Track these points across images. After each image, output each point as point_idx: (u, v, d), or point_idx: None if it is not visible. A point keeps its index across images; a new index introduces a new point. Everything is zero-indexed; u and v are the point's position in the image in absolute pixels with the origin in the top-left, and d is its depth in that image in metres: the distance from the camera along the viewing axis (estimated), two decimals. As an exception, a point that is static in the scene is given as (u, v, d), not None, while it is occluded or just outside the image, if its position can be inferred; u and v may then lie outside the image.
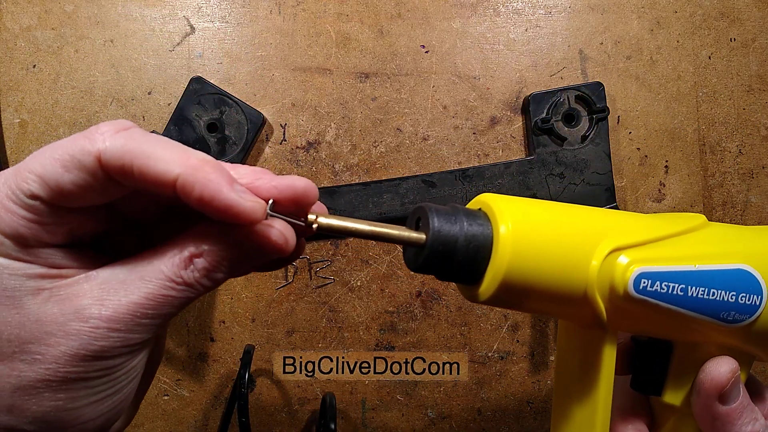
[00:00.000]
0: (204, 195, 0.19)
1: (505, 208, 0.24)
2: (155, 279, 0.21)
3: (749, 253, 0.26)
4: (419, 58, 0.48)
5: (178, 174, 0.19)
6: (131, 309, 0.20)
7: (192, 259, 0.21)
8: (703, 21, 0.49)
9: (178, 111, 0.46)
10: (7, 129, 0.47)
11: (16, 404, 0.20)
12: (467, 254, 0.23)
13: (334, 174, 0.48)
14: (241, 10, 0.48)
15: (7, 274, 0.20)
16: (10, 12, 0.47)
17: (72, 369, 0.20)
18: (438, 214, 0.23)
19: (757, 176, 0.49)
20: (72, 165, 0.20)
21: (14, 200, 0.20)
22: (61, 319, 0.20)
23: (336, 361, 0.48)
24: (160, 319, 0.21)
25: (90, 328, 0.20)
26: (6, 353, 0.20)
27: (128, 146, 0.20)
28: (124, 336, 0.20)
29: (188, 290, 0.21)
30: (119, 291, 0.21)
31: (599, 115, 0.46)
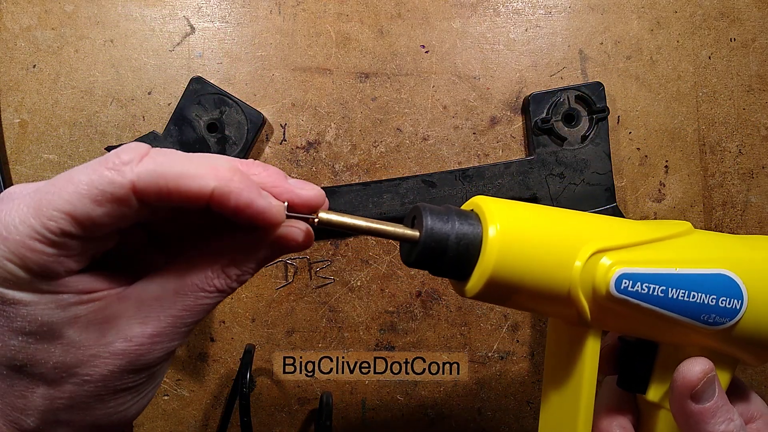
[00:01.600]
0: (239, 204, 0.21)
1: (495, 209, 0.25)
2: (190, 292, 0.22)
3: (731, 259, 0.26)
4: (419, 58, 0.48)
5: (213, 187, 0.20)
6: (171, 322, 0.22)
7: (223, 270, 0.23)
8: (703, 21, 0.49)
9: (178, 111, 0.46)
10: (7, 129, 0.47)
11: (72, 419, 0.22)
12: (457, 251, 0.25)
13: (334, 174, 0.48)
14: (241, 10, 0.48)
15: (40, 309, 0.20)
16: (10, 12, 0.47)
17: (120, 383, 0.22)
18: (432, 213, 0.25)
19: (757, 176, 0.49)
20: (104, 199, 0.20)
21: (40, 239, 0.19)
22: (103, 341, 0.21)
23: (336, 361, 0.48)
24: (196, 323, 0.23)
25: (135, 346, 0.21)
26: (54, 380, 0.21)
27: (159, 170, 0.20)
28: (166, 346, 0.22)
29: (221, 295, 0.23)
30: (156, 307, 0.22)
31: (599, 115, 0.46)
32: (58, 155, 0.47)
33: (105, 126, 0.47)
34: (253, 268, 0.23)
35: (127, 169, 0.20)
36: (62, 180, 0.20)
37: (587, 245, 0.25)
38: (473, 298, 0.25)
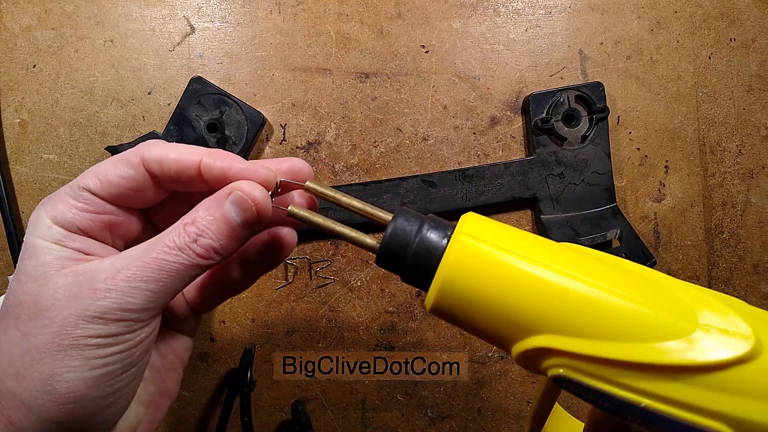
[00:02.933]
0: (223, 167, 0.24)
1: (473, 224, 0.23)
2: (154, 248, 0.23)
3: None
4: (419, 58, 0.48)
5: (200, 158, 0.24)
6: (129, 274, 0.23)
7: (185, 227, 0.24)
8: (703, 21, 0.49)
9: (178, 111, 0.46)
10: (7, 129, 0.47)
11: (21, 369, 0.22)
12: (416, 259, 0.24)
13: (334, 174, 0.48)
14: (241, 10, 0.48)
15: (43, 253, 0.23)
16: (10, 12, 0.47)
17: (74, 331, 0.22)
18: (404, 217, 0.24)
19: (757, 176, 0.49)
20: (119, 162, 0.25)
21: (71, 194, 0.24)
22: (73, 287, 0.22)
23: (336, 361, 0.48)
24: (157, 285, 0.23)
25: (93, 289, 0.22)
26: (23, 320, 0.22)
27: (162, 147, 0.25)
28: (121, 298, 0.22)
29: (180, 255, 0.23)
30: (125, 259, 0.23)
31: (599, 115, 0.46)
32: (58, 155, 0.47)
33: (105, 126, 0.47)
34: (212, 231, 0.24)
35: (142, 146, 0.25)
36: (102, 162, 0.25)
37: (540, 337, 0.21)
38: (431, 312, 0.24)
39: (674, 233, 0.49)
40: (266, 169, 0.25)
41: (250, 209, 0.24)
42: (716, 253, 0.49)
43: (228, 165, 0.24)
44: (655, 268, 0.48)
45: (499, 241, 0.23)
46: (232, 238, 0.24)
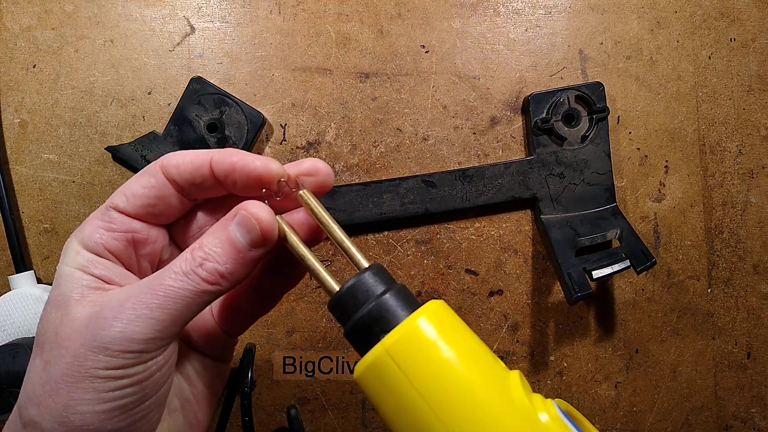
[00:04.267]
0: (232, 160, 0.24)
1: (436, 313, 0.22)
2: (160, 275, 0.23)
3: None
4: (419, 58, 0.48)
5: (211, 156, 0.25)
6: (134, 301, 0.22)
7: (192, 252, 0.23)
8: (703, 21, 0.49)
9: (178, 111, 0.46)
10: (7, 129, 0.47)
11: (42, 398, 0.22)
12: (362, 322, 0.23)
13: (334, 174, 0.48)
14: (241, 10, 0.48)
15: (67, 282, 0.24)
16: (10, 12, 0.47)
17: (84, 363, 0.21)
18: (372, 274, 0.23)
19: (757, 176, 0.49)
20: (141, 175, 0.25)
21: (98, 216, 0.25)
22: (88, 317, 0.22)
23: (336, 361, 0.48)
24: (161, 313, 0.22)
25: (101, 318, 0.22)
26: (46, 349, 0.23)
27: (179, 153, 0.26)
28: (125, 327, 0.22)
29: (185, 280, 0.23)
30: (137, 289, 0.23)
31: (599, 115, 0.46)
32: (58, 155, 0.47)
33: (105, 126, 0.47)
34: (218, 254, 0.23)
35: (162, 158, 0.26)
36: None
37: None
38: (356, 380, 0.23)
39: (674, 233, 0.49)
40: (275, 164, 0.25)
41: (255, 229, 0.23)
42: (716, 253, 0.49)
43: (237, 157, 0.24)
44: (655, 268, 0.48)
45: (416, 370, 0.22)
46: (239, 261, 0.23)
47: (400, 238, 0.48)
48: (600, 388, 0.48)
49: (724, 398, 0.49)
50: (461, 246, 0.48)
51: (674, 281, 0.49)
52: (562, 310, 0.48)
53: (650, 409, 0.49)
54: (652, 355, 0.49)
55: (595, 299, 0.48)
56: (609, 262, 0.44)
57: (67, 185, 0.47)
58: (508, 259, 0.48)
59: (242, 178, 0.24)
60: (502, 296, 0.48)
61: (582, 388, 0.48)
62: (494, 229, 0.48)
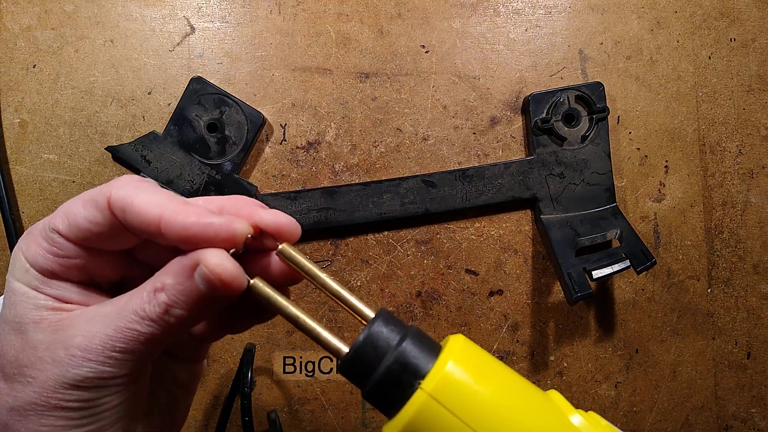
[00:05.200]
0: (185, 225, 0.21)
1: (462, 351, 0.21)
2: (126, 313, 0.22)
3: None
4: (419, 58, 0.48)
5: (161, 214, 0.21)
6: (102, 340, 0.21)
7: (155, 293, 0.22)
8: (703, 21, 0.49)
9: (178, 111, 0.46)
10: (7, 129, 0.47)
11: (9, 424, 0.22)
12: (386, 380, 0.21)
13: (334, 174, 0.48)
14: (241, 10, 0.48)
15: (22, 301, 0.22)
16: (10, 12, 0.47)
17: (54, 395, 0.21)
18: (384, 322, 0.21)
19: (757, 176, 0.49)
20: (89, 204, 0.22)
21: (43, 235, 0.22)
22: (52, 346, 0.22)
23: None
24: (133, 355, 0.22)
25: (70, 356, 0.21)
26: (8, 374, 0.22)
27: (129, 190, 0.22)
28: (96, 368, 0.21)
29: (152, 326, 0.21)
30: (99, 323, 0.22)
31: (599, 115, 0.46)
32: (58, 155, 0.47)
33: (105, 126, 0.47)
34: (183, 302, 0.21)
35: (115, 185, 0.22)
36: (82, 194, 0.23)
37: None
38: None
39: (674, 233, 0.49)
40: (239, 222, 0.22)
41: (219, 286, 0.21)
42: (716, 253, 0.49)
43: (190, 222, 0.21)
44: (655, 268, 0.48)
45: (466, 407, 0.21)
46: (206, 307, 0.22)
47: (400, 238, 0.48)
48: (600, 388, 0.48)
49: (724, 398, 0.49)
50: (461, 246, 0.48)
51: (674, 281, 0.49)
52: (562, 310, 0.48)
53: (650, 409, 0.49)
54: (652, 355, 0.49)
55: (595, 299, 0.48)
56: (609, 262, 0.44)
57: (67, 185, 0.47)
58: (508, 259, 0.48)
59: (201, 241, 0.21)
60: (502, 296, 0.48)
61: (582, 388, 0.48)
62: (494, 229, 0.48)
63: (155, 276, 0.22)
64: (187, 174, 0.46)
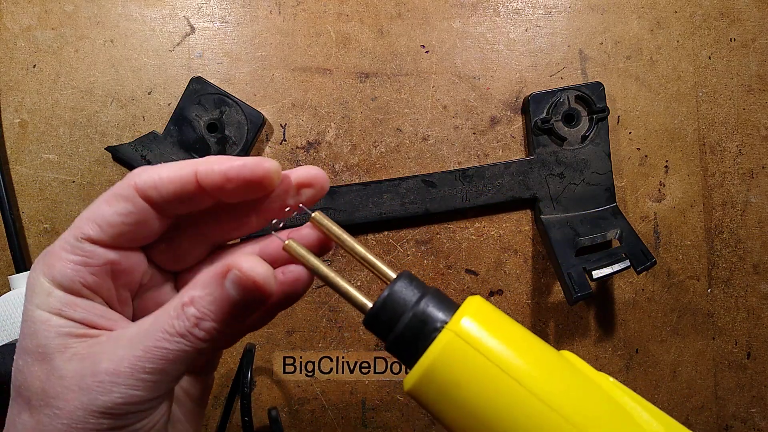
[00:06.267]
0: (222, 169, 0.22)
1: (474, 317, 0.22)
2: (154, 332, 0.21)
3: None
4: (419, 58, 0.48)
5: (195, 169, 0.22)
6: (131, 363, 0.21)
7: (183, 308, 0.21)
8: (703, 21, 0.49)
9: (178, 111, 0.46)
10: (7, 129, 0.47)
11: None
12: (406, 333, 0.22)
13: (334, 174, 0.48)
14: (241, 10, 0.48)
15: (44, 330, 0.21)
16: (10, 12, 0.47)
17: (83, 425, 0.21)
18: (405, 282, 0.23)
19: (757, 176, 0.49)
20: (113, 199, 0.22)
21: (69, 249, 0.22)
22: (79, 375, 0.21)
23: (336, 361, 0.48)
24: (161, 375, 0.21)
25: (98, 382, 0.21)
26: (34, 405, 0.21)
27: (152, 171, 0.23)
28: (126, 392, 0.21)
29: (182, 342, 0.21)
30: (126, 346, 0.21)
31: (599, 115, 0.46)
32: (58, 155, 0.47)
33: (105, 126, 0.47)
34: (213, 312, 0.21)
35: (132, 175, 0.23)
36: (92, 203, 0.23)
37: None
38: (407, 394, 0.22)
39: (674, 233, 0.49)
40: (269, 161, 0.22)
41: (252, 290, 0.21)
42: (716, 253, 0.49)
43: (226, 166, 0.22)
44: (655, 268, 0.48)
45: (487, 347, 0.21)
46: (237, 316, 0.22)
47: (400, 238, 0.48)
48: (600, 388, 0.48)
49: (724, 398, 0.49)
50: (461, 246, 0.48)
51: (674, 281, 0.49)
52: (562, 310, 0.48)
53: (650, 409, 0.49)
54: (652, 355, 0.49)
55: (595, 299, 0.48)
56: (609, 262, 0.44)
57: (67, 185, 0.47)
58: (508, 259, 0.48)
59: (238, 186, 0.22)
60: (502, 296, 0.48)
61: (582, 388, 0.48)
62: (494, 229, 0.48)
63: (181, 293, 0.22)
64: (187, 174, 0.46)
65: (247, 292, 0.21)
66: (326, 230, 0.24)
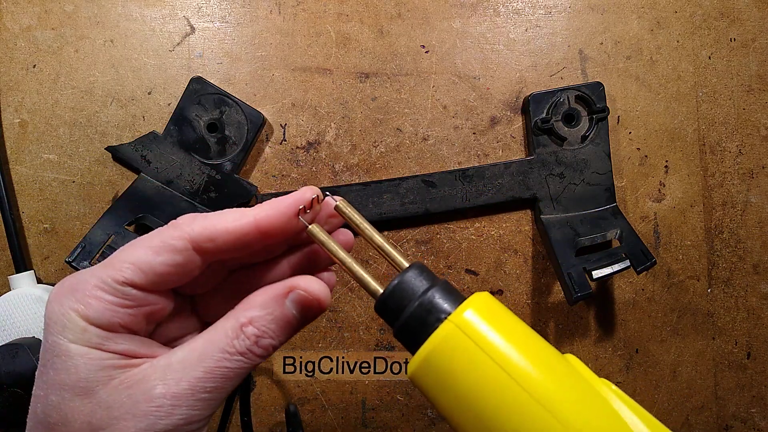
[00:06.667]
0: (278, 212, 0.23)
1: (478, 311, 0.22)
2: (211, 354, 0.22)
3: None
4: (419, 58, 0.48)
5: (254, 217, 0.23)
6: (191, 384, 0.22)
7: (242, 329, 0.23)
8: (703, 21, 0.49)
9: (178, 111, 0.46)
10: (7, 129, 0.47)
11: None
12: (410, 321, 0.23)
13: (334, 174, 0.48)
14: (241, 10, 0.48)
15: (83, 363, 0.21)
16: (10, 12, 0.47)
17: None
18: (415, 272, 0.24)
19: (757, 176, 0.49)
20: (163, 250, 0.22)
21: (105, 289, 0.22)
22: (129, 403, 0.21)
23: (336, 361, 0.48)
24: (219, 393, 0.22)
25: (155, 407, 0.21)
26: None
27: (208, 220, 0.23)
28: (187, 413, 0.21)
29: (242, 360, 0.23)
30: (179, 370, 0.22)
31: (599, 115, 0.46)
32: (58, 155, 0.47)
33: (105, 126, 0.47)
34: (273, 330, 0.23)
35: (183, 225, 0.23)
36: (135, 241, 0.23)
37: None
38: (410, 379, 0.23)
39: (674, 233, 0.49)
40: (311, 189, 0.24)
41: (315, 306, 0.24)
42: (716, 253, 0.49)
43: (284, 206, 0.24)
44: (655, 268, 0.48)
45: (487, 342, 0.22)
46: (291, 332, 0.24)
47: (400, 238, 0.48)
48: (600, 388, 0.48)
49: (724, 398, 0.49)
50: (461, 246, 0.48)
51: (674, 281, 0.49)
52: (562, 310, 0.48)
53: (650, 409, 0.49)
54: (652, 355, 0.49)
55: (595, 299, 0.48)
56: (609, 262, 0.44)
57: (67, 185, 0.47)
58: (508, 259, 0.48)
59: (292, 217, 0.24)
60: (502, 296, 0.48)
61: (582, 388, 0.48)
62: (494, 229, 0.48)
63: (235, 313, 0.23)
64: (187, 174, 0.46)
65: (307, 309, 0.23)
66: (348, 218, 0.26)
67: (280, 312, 0.23)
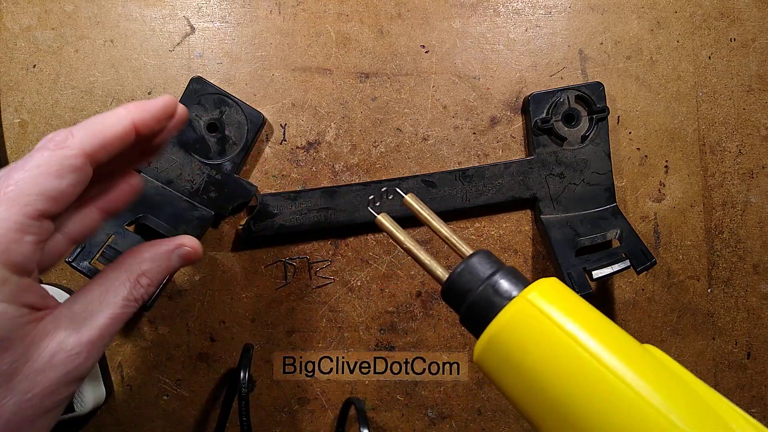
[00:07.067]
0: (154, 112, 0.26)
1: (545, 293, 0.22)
2: (113, 302, 0.25)
3: None
4: (419, 58, 0.48)
5: (132, 120, 0.25)
6: (101, 330, 0.24)
7: (138, 280, 0.26)
8: (703, 21, 0.49)
9: (178, 111, 0.46)
10: (7, 129, 0.47)
11: None
12: (475, 304, 0.23)
13: (334, 174, 0.48)
14: (241, 10, 0.48)
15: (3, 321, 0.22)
16: (10, 12, 0.47)
17: (57, 397, 0.23)
18: (480, 258, 0.25)
19: (757, 176, 0.49)
20: (65, 171, 0.22)
21: (20, 229, 0.21)
22: (45, 354, 0.23)
23: (336, 361, 0.48)
24: (114, 335, 0.25)
25: (73, 355, 0.23)
26: None
27: (92, 129, 0.25)
28: (97, 355, 0.25)
29: (136, 305, 0.26)
30: (86, 318, 0.24)
31: (599, 115, 0.46)
32: (58, 155, 0.47)
33: (105, 126, 0.47)
34: (158, 280, 0.28)
35: (68, 142, 0.23)
36: (14, 173, 0.22)
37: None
38: (475, 362, 0.23)
39: (674, 233, 0.49)
40: (169, 97, 0.27)
41: (194, 258, 0.29)
42: (716, 253, 0.49)
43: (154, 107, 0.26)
44: (655, 268, 0.48)
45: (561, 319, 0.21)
46: (166, 278, 0.29)
47: (400, 238, 0.48)
48: (600, 388, 0.48)
49: (724, 398, 0.49)
50: (461, 246, 0.48)
51: (674, 281, 0.49)
52: (562, 310, 0.48)
53: (650, 409, 0.48)
54: (652, 355, 0.49)
55: (595, 299, 0.48)
56: (609, 262, 0.44)
57: (67, 185, 0.47)
58: (508, 259, 0.48)
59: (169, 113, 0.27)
60: (502, 296, 0.48)
61: (582, 388, 0.48)
62: (494, 229, 0.48)
63: (127, 266, 0.27)
64: (187, 174, 0.46)
65: (188, 261, 0.29)
66: (416, 211, 0.28)
67: (167, 265, 0.28)
